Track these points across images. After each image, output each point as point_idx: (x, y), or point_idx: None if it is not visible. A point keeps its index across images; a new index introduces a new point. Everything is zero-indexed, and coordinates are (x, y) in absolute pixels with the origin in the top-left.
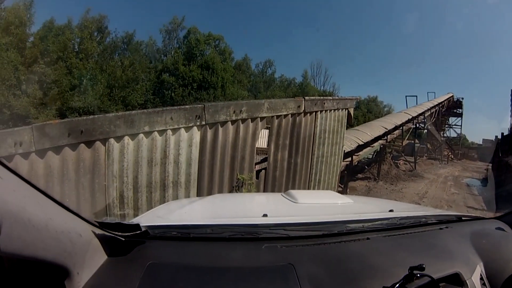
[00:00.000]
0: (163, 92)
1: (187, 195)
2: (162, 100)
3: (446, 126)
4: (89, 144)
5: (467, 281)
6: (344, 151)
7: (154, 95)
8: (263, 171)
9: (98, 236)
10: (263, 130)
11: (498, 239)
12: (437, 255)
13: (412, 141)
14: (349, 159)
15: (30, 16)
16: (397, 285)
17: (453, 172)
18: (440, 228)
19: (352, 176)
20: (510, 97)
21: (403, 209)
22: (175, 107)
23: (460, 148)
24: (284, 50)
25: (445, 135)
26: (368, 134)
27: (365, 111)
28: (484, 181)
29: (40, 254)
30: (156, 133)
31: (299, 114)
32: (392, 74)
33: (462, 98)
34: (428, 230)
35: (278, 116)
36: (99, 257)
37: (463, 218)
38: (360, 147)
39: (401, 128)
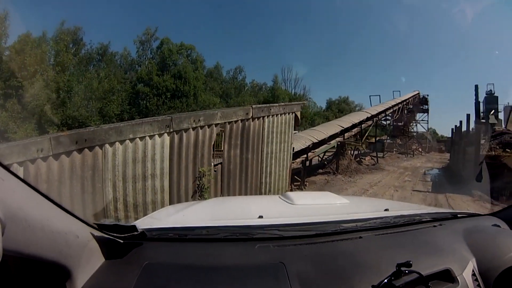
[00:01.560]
0: (138, 102)
1: (161, 184)
2: (138, 110)
3: (414, 121)
4: (91, 149)
5: (458, 277)
6: (294, 148)
7: (130, 105)
8: (220, 165)
9: (96, 238)
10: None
11: (492, 234)
12: (428, 251)
13: (382, 138)
14: (305, 156)
15: (5, 29)
16: (384, 281)
17: (415, 164)
18: (434, 226)
19: (312, 171)
20: (474, 93)
21: (399, 208)
22: (151, 119)
23: (428, 141)
24: (255, 56)
25: (413, 130)
26: (324, 133)
27: (336, 111)
28: (443, 170)
29: (35, 254)
30: (138, 139)
31: (247, 119)
32: (363, 75)
33: (427, 95)
34: (421, 228)
35: (229, 122)
36: (97, 258)
37: (458, 216)
38: (316, 145)
39: (360, 125)
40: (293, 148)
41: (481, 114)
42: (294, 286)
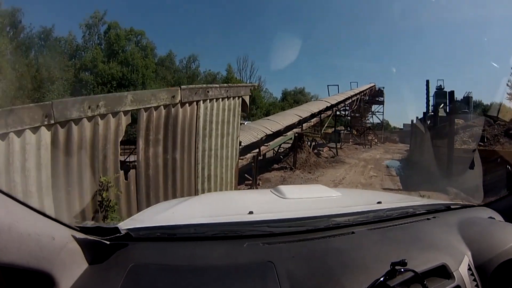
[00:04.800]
0: (81, 92)
1: (41, 205)
2: None
3: (370, 113)
4: None
5: (454, 273)
6: (242, 142)
7: (71, 95)
8: (133, 170)
9: (78, 240)
10: None
11: (487, 227)
12: (423, 247)
13: (339, 129)
14: (257, 150)
15: None
16: (378, 282)
17: (375, 155)
18: (427, 219)
19: (266, 166)
20: (425, 87)
21: (392, 201)
22: (18, 106)
23: (383, 132)
24: (210, 45)
25: (368, 121)
26: (279, 123)
27: (291, 101)
28: (404, 162)
29: (2, 260)
30: None
31: (174, 105)
32: (319, 67)
33: (383, 87)
34: (414, 221)
35: (147, 109)
36: (80, 262)
37: (451, 207)
38: (270, 137)
39: (319, 115)
40: (241, 142)
41: (431, 108)
42: (284, 287)
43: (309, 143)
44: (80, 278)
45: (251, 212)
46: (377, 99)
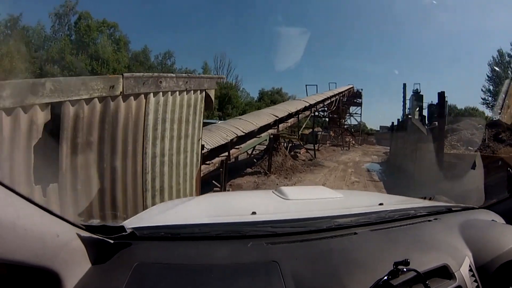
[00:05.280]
0: None
1: None
2: None
3: (348, 114)
4: None
5: (455, 273)
6: (205, 146)
7: None
8: (55, 184)
9: (83, 238)
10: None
11: (488, 229)
12: (425, 248)
13: (316, 130)
14: (226, 154)
15: None
16: (382, 281)
17: (354, 158)
18: (429, 220)
19: (238, 170)
20: (402, 90)
21: (394, 202)
22: None
23: (360, 134)
24: (187, 42)
25: (346, 122)
26: (253, 123)
27: (268, 101)
28: (385, 165)
29: (5, 256)
30: None
31: (114, 97)
32: (298, 67)
33: (361, 89)
34: (416, 223)
35: (74, 102)
36: (85, 260)
37: (453, 209)
38: (242, 139)
39: (296, 116)
40: (203, 145)
41: (407, 110)
42: (288, 286)
43: (285, 144)
44: (84, 277)
45: (254, 213)
46: (355, 100)
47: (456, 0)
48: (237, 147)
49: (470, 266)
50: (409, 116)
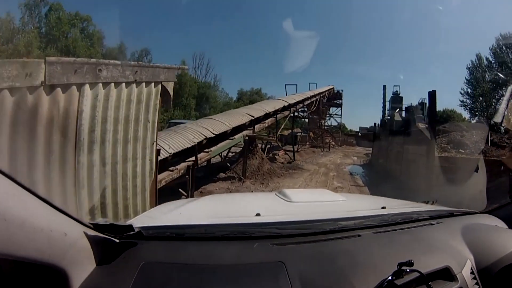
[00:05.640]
0: None
1: None
2: None
3: (328, 115)
4: None
5: (457, 275)
6: (160, 150)
7: None
8: None
9: (90, 237)
10: None
11: (489, 233)
12: (427, 250)
13: (295, 131)
14: (193, 158)
15: None
16: (386, 281)
17: (335, 160)
18: (431, 224)
19: (211, 175)
20: (382, 92)
21: (396, 206)
22: None
23: (341, 135)
24: (165, 40)
25: (326, 123)
26: (226, 123)
27: (247, 102)
28: (366, 167)
29: (13, 253)
30: None
31: (32, 89)
32: (278, 68)
33: (342, 90)
34: (419, 226)
35: None
36: (90, 258)
37: (454, 213)
38: (213, 141)
39: (274, 116)
40: (159, 150)
41: (387, 112)
42: (295, 286)
43: (263, 146)
44: (91, 275)
45: (258, 214)
46: (335, 101)
47: (435, 5)
48: (206, 150)
49: (471, 268)
50: (388, 118)
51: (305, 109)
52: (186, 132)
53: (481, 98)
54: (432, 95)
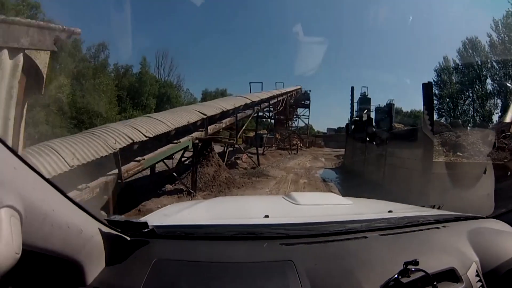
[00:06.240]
0: None
1: None
2: None
3: (295, 116)
4: None
5: (462, 277)
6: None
7: None
8: None
9: (105, 234)
10: None
11: (495, 236)
12: (433, 251)
13: (261, 132)
14: (116, 171)
15: None
16: (392, 279)
17: (304, 163)
18: (437, 228)
19: (156, 187)
20: (350, 93)
21: (402, 210)
22: None
23: (308, 136)
24: (125, 35)
25: (293, 124)
26: (167, 123)
27: None
28: (340, 171)
29: (44, 247)
30: None
31: None
32: (243, 70)
33: (310, 91)
34: (425, 229)
35: None
36: (104, 254)
37: (461, 218)
38: (146, 146)
39: (234, 115)
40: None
41: (355, 113)
42: (304, 284)
43: (226, 149)
44: (105, 270)
45: (266, 216)
46: (302, 102)
47: (404, 8)
48: (138, 159)
49: (477, 271)
50: (356, 118)
51: (271, 109)
52: (106, 135)
53: (447, 99)
54: (428, 86)
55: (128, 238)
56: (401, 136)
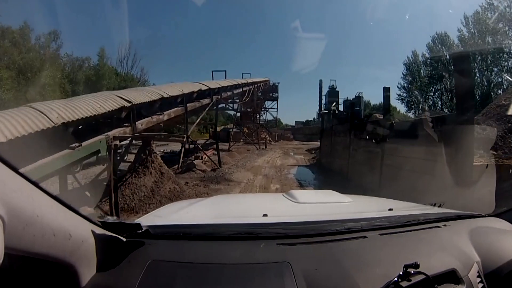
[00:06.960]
0: None
1: None
2: None
3: (263, 109)
4: None
5: (463, 278)
6: None
7: None
8: None
9: (98, 235)
10: None
11: (497, 236)
12: (433, 252)
13: (228, 127)
14: None
15: None
16: (392, 283)
17: (274, 160)
18: (438, 226)
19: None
20: (318, 86)
21: (403, 208)
22: None
23: (277, 130)
24: (81, 24)
25: (261, 118)
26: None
27: None
28: (316, 169)
29: (31, 251)
30: None
31: None
32: (212, 62)
33: (278, 83)
34: (425, 228)
35: None
36: (98, 256)
37: (462, 216)
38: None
39: (182, 105)
40: None
41: (323, 106)
42: (301, 286)
43: (186, 146)
44: (99, 272)
45: (265, 215)
46: (271, 94)
47: (376, 3)
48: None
49: (478, 272)
50: (325, 111)
51: (237, 100)
52: None
53: (416, 92)
54: (387, 90)
55: (124, 239)
56: (410, 129)
